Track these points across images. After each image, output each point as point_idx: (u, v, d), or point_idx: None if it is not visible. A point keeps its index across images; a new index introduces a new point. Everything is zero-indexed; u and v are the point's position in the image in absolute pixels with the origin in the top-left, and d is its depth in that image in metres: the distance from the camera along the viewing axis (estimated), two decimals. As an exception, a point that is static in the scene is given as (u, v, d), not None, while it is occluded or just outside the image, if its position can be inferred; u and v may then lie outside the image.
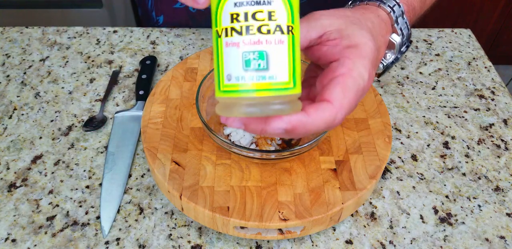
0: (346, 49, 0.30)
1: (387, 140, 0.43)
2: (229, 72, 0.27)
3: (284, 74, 0.27)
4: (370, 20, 0.33)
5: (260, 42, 0.26)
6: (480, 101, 0.56)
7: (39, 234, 0.42)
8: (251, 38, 0.26)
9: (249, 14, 0.26)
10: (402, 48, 0.37)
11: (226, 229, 0.39)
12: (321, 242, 0.41)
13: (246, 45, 0.26)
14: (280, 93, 0.27)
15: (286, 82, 0.27)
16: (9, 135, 0.51)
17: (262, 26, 0.26)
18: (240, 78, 0.26)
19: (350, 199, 0.38)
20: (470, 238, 0.42)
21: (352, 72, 0.29)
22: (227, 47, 0.27)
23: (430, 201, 0.45)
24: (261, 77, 0.26)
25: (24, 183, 0.46)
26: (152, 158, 0.41)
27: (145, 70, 0.57)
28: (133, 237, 0.41)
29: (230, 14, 0.26)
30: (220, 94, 0.28)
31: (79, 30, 0.65)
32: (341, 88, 0.29)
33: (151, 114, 0.46)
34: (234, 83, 0.27)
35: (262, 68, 0.26)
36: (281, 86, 0.27)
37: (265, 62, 0.26)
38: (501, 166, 0.49)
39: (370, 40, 0.31)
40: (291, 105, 0.28)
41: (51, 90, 0.56)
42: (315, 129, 0.28)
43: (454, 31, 0.66)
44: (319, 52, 0.31)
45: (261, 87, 0.26)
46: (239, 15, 0.26)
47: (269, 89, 0.26)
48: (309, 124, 0.28)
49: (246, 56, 0.26)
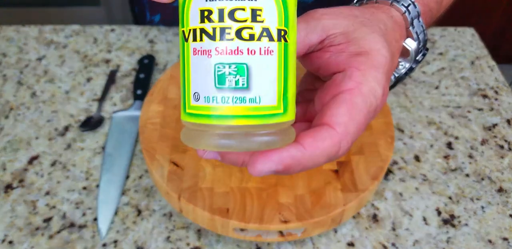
0: (354, 57, 0.24)
1: (389, 140, 0.43)
2: (197, 89, 0.20)
3: (271, 95, 0.20)
4: (382, 22, 0.27)
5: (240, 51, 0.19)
6: (483, 100, 0.55)
7: (36, 236, 0.41)
8: (228, 46, 0.19)
9: (225, 12, 0.19)
10: (417, 57, 0.30)
11: (225, 231, 0.38)
12: (322, 244, 0.41)
13: (220, 54, 0.20)
14: (265, 121, 0.20)
15: (273, 106, 0.20)
16: (6, 135, 0.50)
17: (243, 29, 0.19)
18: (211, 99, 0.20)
19: (352, 200, 0.38)
20: (473, 240, 0.42)
21: (361, 87, 0.23)
22: (195, 55, 0.20)
23: (433, 203, 0.44)
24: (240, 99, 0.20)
25: (21, 184, 0.45)
26: (150, 159, 0.41)
27: (143, 69, 0.56)
28: (131, 239, 0.41)
29: (200, 10, 0.20)
30: (185, 117, 0.21)
31: (76, 28, 0.64)
32: (347, 109, 0.23)
33: (149, 114, 0.45)
34: (203, 105, 0.20)
35: (241, 86, 0.20)
36: (266, 111, 0.20)
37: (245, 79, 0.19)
38: (504, 166, 0.48)
39: (384, 47, 0.25)
40: (281, 136, 0.21)
41: (47, 89, 0.55)
42: (314, 165, 0.22)
43: (458, 30, 0.65)
44: (319, 60, 0.26)
45: (239, 113, 0.20)
46: (211, 12, 0.19)
47: (250, 116, 0.20)
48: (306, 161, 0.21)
49: (219, 69, 0.20)
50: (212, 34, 0.20)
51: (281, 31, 0.20)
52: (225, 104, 0.20)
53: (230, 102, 0.20)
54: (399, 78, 0.31)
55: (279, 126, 0.21)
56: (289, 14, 0.21)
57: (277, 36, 0.20)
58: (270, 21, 0.20)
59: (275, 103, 0.20)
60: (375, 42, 0.25)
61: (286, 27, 0.20)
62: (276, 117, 0.20)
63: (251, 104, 0.20)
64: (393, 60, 0.27)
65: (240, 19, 0.19)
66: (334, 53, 0.25)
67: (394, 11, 0.29)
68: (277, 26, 0.20)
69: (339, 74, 0.24)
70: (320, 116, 0.23)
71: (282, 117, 0.21)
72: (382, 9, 0.29)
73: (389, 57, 0.25)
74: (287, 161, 0.21)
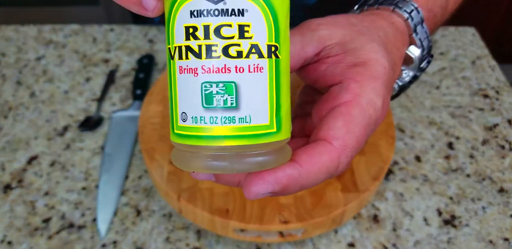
0: (351, 68, 0.23)
1: (390, 140, 0.43)
2: (184, 109, 0.20)
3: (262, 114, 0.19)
4: (382, 29, 0.26)
5: (228, 69, 0.19)
6: (484, 100, 0.55)
7: (35, 236, 0.41)
8: (214, 64, 0.19)
9: (211, 29, 0.19)
10: (422, 64, 0.29)
11: (225, 231, 0.38)
12: (323, 245, 0.41)
13: (207, 73, 0.19)
14: (257, 141, 0.19)
15: (265, 125, 0.19)
16: (5, 135, 0.50)
17: (230, 47, 0.19)
18: (198, 119, 0.19)
19: (353, 201, 0.38)
20: (474, 240, 0.41)
21: (359, 100, 0.22)
22: (181, 74, 0.20)
23: (434, 203, 0.44)
24: (229, 119, 0.19)
25: (20, 184, 0.45)
26: (150, 159, 0.41)
27: (142, 69, 0.56)
28: (130, 240, 0.41)
29: (185, 27, 0.19)
30: (174, 138, 0.21)
31: (75, 28, 0.64)
32: (344, 122, 0.22)
33: (149, 114, 0.45)
34: (191, 126, 0.19)
35: (229, 106, 0.19)
36: (258, 131, 0.19)
37: (234, 98, 0.19)
38: (505, 167, 0.48)
39: (383, 57, 0.24)
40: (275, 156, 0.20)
41: (46, 89, 0.55)
42: (313, 183, 0.21)
43: (458, 30, 0.65)
44: (316, 72, 0.25)
45: (229, 133, 0.19)
46: (197, 29, 0.19)
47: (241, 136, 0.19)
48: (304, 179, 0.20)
49: (207, 88, 0.19)
50: (198, 52, 0.19)
51: (272, 46, 0.19)
52: (214, 124, 0.19)
53: (219, 122, 0.19)
54: (402, 87, 0.30)
55: (273, 146, 0.20)
56: (280, 28, 0.20)
57: (267, 53, 0.19)
58: (259, 37, 0.19)
59: (267, 121, 0.20)
60: (373, 51, 0.24)
61: (277, 42, 0.20)
62: (269, 136, 0.20)
63: (241, 124, 0.19)
64: (394, 69, 0.26)
65: (226, 36, 0.19)
66: (331, 65, 0.24)
67: (396, 17, 0.28)
68: (267, 42, 0.19)
69: (335, 87, 0.24)
70: (317, 131, 0.22)
71: (276, 136, 0.20)
72: (383, 15, 0.28)
73: (388, 66, 0.24)
74: (283, 181, 0.20)
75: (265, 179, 0.20)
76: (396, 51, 0.27)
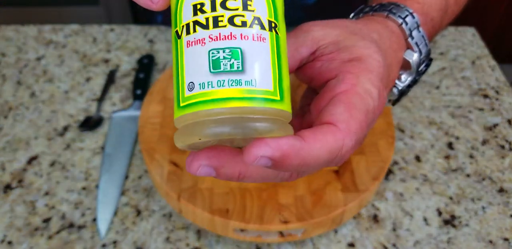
0: (346, 63, 0.24)
1: (390, 140, 0.43)
2: (191, 78, 0.20)
3: (266, 80, 0.20)
4: (376, 31, 0.27)
5: (233, 36, 0.20)
6: (484, 100, 0.55)
7: (35, 236, 0.41)
8: (221, 32, 0.20)
9: (217, 2, 0.20)
10: (420, 68, 0.30)
11: (225, 231, 0.38)
12: (323, 245, 0.41)
13: (214, 41, 0.20)
14: (262, 104, 0.20)
15: (269, 91, 0.20)
16: (5, 135, 0.50)
17: (235, 17, 0.20)
18: (206, 84, 0.20)
19: (352, 201, 0.38)
20: (473, 240, 0.41)
21: (356, 88, 0.23)
22: (188, 47, 0.20)
23: (434, 203, 0.44)
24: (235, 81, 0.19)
25: (20, 184, 0.45)
26: (150, 159, 0.41)
27: (142, 69, 0.56)
28: (130, 240, 0.41)
29: (193, 5, 0.20)
30: (179, 112, 0.21)
31: (75, 28, 0.64)
32: (346, 107, 0.22)
33: (149, 114, 0.45)
34: (198, 92, 0.20)
35: (236, 69, 0.19)
36: (263, 95, 0.20)
37: (240, 62, 0.20)
38: (505, 167, 0.48)
39: (376, 52, 0.24)
40: (278, 126, 0.20)
41: (46, 89, 0.55)
42: (315, 161, 0.20)
43: (458, 30, 0.65)
44: (311, 70, 0.25)
45: (236, 95, 0.19)
46: (204, 4, 0.20)
47: (247, 98, 0.19)
48: (306, 153, 0.20)
49: (214, 54, 0.20)
50: (205, 24, 0.20)
51: (272, 22, 0.21)
52: (221, 87, 0.19)
53: (226, 85, 0.19)
54: (402, 91, 0.30)
55: (277, 114, 0.20)
56: (278, 10, 0.21)
57: (268, 26, 0.21)
58: (261, 11, 0.21)
59: (271, 88, 0.20)
60: (366, 48, 0.24)
61: (276, 20, 0.21)
62: (273, 103, 0.20)
63: (247, 86, 0.19)
64: (391, 68, 0.26)
65: (231, 8, 0.20)
66: (326, 62, 0.25)
67: (390, 22, 0.28)
68: (267, 17, 0.21)
69: (332, 81, 0.24)
70: (318, 119, 0.22)
71: (279, 104, 0.20)
72: (377, 20, 0.28)
73: (382, 61, 0.24)
74: (285, 148, 0.19)
75: (267, 143, 0.19)
76: (392, 53, 0.27)
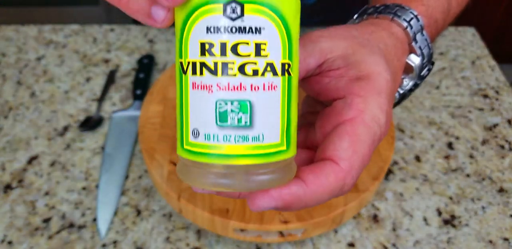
0: (354, 82, 0.23)
1: (390, 140, 0.43)
2: (197, 125, 0.19)
3: (274, 133, 0.19)
4: (382, 41, 0.26)
5: (243, 87, 0.19)
6: (484, 100, 0.55)
7: (35, 236, 0.41)
8: (230, 81, 0.19)
9: (227, 46, 0.18)
10: (422, 72, 0.29)
11: (225, 231, 0.38)
12: (323, 244, 0.41)
13: (222, 90, 0.19)
14: (268, 159, 0.19)
15: (277, 143, 0.19)
16: (5, 135, 0.50)
17: (247, 65, 0.19)
18: (211, 136, 0.19)
19: (353, 201, 0.38)
20: (473, 240, 0.41)
21: (364, 117, 0.22)
22: (194, 90, 0.19)
23: (434, 203, 0.44)
24: (242, 137, 0.19)
25: (20, 184, 0.45)
26: (150, 159, 0.41)
27: (142, 69, 0.56)
28: (130, 240, 0.41)
29: (201, 43, 0.19)
30: (183, 153, 0.20)
31: (75, 28, 0.64)
32: (351, 142, 0.21)
33: (149, 114, 0.45)
34: (203, 143, 0.19)
35: (243, 125, 0.19)
36: (269, 149, 0.19)
37: (248, 116, 0.19)
38: (505, 167, 0.48)
39: (385, 70, 0.24)
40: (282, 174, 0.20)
41: (46, 89, 0.55)
42: (317, 203, 0.21)
43: (458, 30, 0.65)
44: (318, 85, 0.25)
45: (242, 152, 0.19)
46: (213, 45, 0.18)
47: (253, 155, 0.19)
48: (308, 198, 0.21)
49: (221, 106, 0.19)
50: (214, 69, 0.19)
51: (285, 65, 0.19)
52: (227, 142, 0.19)
53: (232, 140, 0.19)
54: (403, 95, 0.30)
55: (282, 164, 0.20)
56: (293, 46, 0.20)
57: (281, 71, 0.19)
58: (275, 56, 0.19)
59: (278, 140, 0.20)
60: (375, 64, 0.24)
61: (290, 60, 0.20)
62: (279, 155, 0.20)
63: (254, 143, 0.19)
64: (396, 79, 0.26)
65: (243, 54, 0.19)
66: (334, 79, 0.24)
67: (395, 26, 0.28)
68: (281, 60, 0.19)
69: (339, 101, 0.24)
70: (322, 149, 0.22)
71: (285, 154, 0.20)
72: (382, 25, 0.28)
73: (390, 79, 0.24)
74: (287, 198, 0.20)
75: (270, 194, 0.20)
76: (396, 62, 0.27)
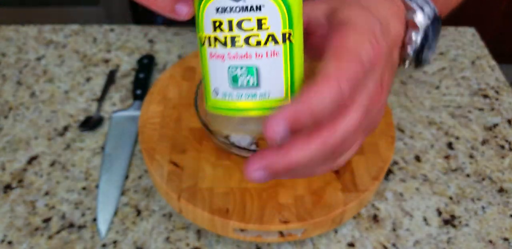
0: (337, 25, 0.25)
1: (390, 140, 0.43)
2: (216, 85, 0.24)
3: (279, 90, 0.23)
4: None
5: (249, 55, 0.23)
6: (484, 100, 0.55)
7: (35, 236, 0.41)
8: (238, 51, 0.23)
9: (233, 23, 0.22)
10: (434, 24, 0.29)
11: (225, 231, 0.38)
12: (323, 244, 0.41)
13: (232, 59, 0.23)
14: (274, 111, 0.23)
15: (281, 98, 0.24)
16: (5, 135, 0.50)
17: (251, 37, 0.22)
18: (227, 94, 0.24)
19: (352, 201, 0.38)
20: (473, 240, 0.41)
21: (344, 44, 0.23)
22: (211, 58, 0.24)
23: (434, 203, 0.44)
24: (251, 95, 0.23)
25: (20, 184, 0.45)
26: (150, 159, 0.41)
27: (142, 69, 0.56)
28: (130, 240, 0.41)
29: (212, 21, 0.23)
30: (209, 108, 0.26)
31: (75, 28, 0.64)
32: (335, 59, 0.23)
33: (149, 114, 0.45)
34: (222, 100, 0.24)
35: (252, 85, 0.23)
36: (275, 104, 0.23)
37: (255, 78, 0.23)
38: (505, 167, 0.48)
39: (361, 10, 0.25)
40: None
41: (46, 89, 0.55)
42: (322, 109, 0.22)
43: (458, 30, 0.65)
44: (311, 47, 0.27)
45: (251, 106, 0.23)
46: (222, 23, 0.22)
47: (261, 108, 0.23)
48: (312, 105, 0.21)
49: (232, 71, 0.23)
50: (224, 42, 0.23)
51: (286, 34, 0.23)
52: (240, 99, 0.23)
53: (243, 97, 0.23)
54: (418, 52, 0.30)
55: None
56: (294, 17, 0.23)
57: (281, 39, 0.23)
58: (275, 27, 0.22)
59: (283, 95, 0.23)
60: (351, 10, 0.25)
61: (290, 29, 0.23)
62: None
63: (261, 98, 0.23)
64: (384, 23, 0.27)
65: (247, 29, 0.22)
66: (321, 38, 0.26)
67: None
68: (282, 31, 0.23)
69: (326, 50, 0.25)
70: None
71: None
72: None
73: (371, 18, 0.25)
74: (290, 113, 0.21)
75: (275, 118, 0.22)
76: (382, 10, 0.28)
